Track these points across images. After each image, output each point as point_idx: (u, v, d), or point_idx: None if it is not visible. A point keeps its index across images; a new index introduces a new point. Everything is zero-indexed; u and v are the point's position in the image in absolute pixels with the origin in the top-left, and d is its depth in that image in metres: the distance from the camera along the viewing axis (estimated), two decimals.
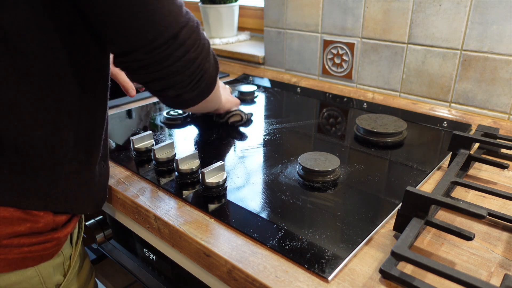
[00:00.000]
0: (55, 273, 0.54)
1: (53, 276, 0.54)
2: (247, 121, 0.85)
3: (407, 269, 0.45)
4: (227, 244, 0.48)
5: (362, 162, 0.67)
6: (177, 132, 0.80)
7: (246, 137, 0.78)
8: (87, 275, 0.63)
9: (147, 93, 1.03)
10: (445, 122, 0.83)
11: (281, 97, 1.01)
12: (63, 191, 0.51)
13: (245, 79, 1.16)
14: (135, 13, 0.43)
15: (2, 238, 0.46)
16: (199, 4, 1.34)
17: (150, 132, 0.70)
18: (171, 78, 0.49)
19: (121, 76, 0.83)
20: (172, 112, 0.87)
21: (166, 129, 0.82)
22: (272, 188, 0.60)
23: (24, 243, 0.48)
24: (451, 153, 0.66)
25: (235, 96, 1.01)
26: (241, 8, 1.45)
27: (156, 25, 0.45)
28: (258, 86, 1.10)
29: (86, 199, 0.54)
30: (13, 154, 0.46)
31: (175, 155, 0.66)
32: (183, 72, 0.49)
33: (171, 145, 0.66)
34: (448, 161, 0.67)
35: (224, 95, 0.79)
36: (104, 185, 0.59)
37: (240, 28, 1.50)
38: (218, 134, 0.79)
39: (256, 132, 0.80)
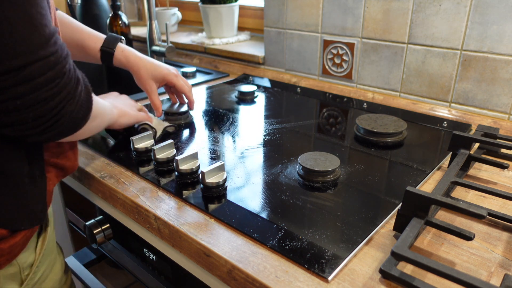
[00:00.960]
0: (7, 283, 0.52)
1: (5, 286, 0.52)
2: (156, 134, 0.75)
3: (407, 269, 0.45)
4: (227, 244, 0.48)
5: (362, 162, 0.67)
6: (177, 132, 0.80)
7: (246, 137, 0.78)
8: (54, 283, 0.60)
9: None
10: (445, 122, 0.83)
11: (281, 97, 1.01)
12: None
13: (245, 79, 1.16)
14: None
15: None
16: (199, 4, 1.34)
17: (150, 132, 0.70)
18: (7, 117, 0.42)
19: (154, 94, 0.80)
20: (172, 111, 0.87)
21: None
22: (272, 188, 0.60)
23: None
24: (451, 153, 0.66)
25: (235, 97, 1.01)
26: (241, 8, 1.45)
27: None
28: (258, 86, 1.10)
29: (20, 214, 0.50)
30: None
31: (175, 155, 0.66)
32: (25, 113, 0.42)
33: (171, 145, 0.66)
34: (448, 161, 0.67)
35: (120, 108, 0.69)
36: (42, 197, 0.53)
37: (240, 28, 1.49)
38: (218, 134, 0.79)
39: (256, 132, 0.80)
